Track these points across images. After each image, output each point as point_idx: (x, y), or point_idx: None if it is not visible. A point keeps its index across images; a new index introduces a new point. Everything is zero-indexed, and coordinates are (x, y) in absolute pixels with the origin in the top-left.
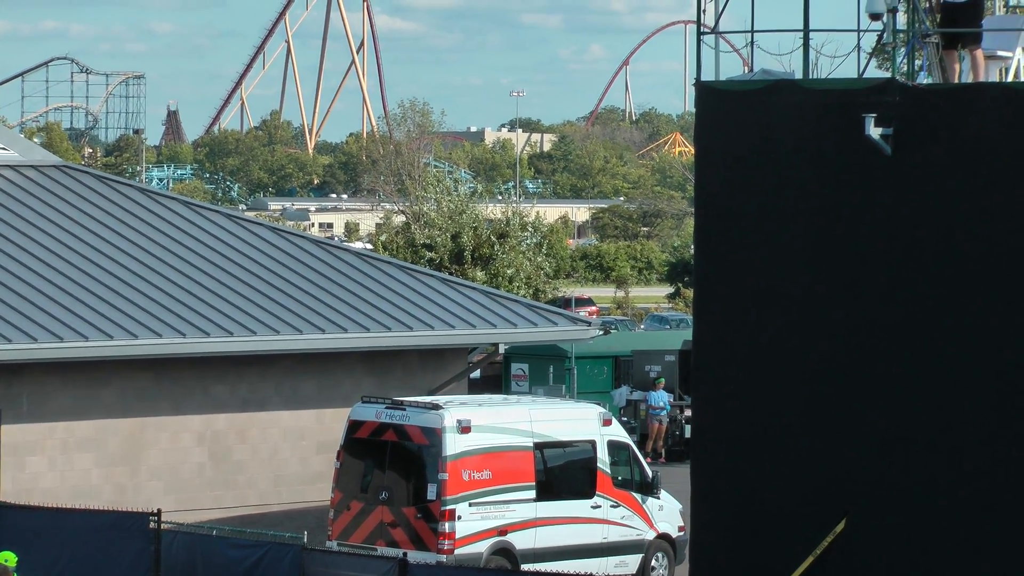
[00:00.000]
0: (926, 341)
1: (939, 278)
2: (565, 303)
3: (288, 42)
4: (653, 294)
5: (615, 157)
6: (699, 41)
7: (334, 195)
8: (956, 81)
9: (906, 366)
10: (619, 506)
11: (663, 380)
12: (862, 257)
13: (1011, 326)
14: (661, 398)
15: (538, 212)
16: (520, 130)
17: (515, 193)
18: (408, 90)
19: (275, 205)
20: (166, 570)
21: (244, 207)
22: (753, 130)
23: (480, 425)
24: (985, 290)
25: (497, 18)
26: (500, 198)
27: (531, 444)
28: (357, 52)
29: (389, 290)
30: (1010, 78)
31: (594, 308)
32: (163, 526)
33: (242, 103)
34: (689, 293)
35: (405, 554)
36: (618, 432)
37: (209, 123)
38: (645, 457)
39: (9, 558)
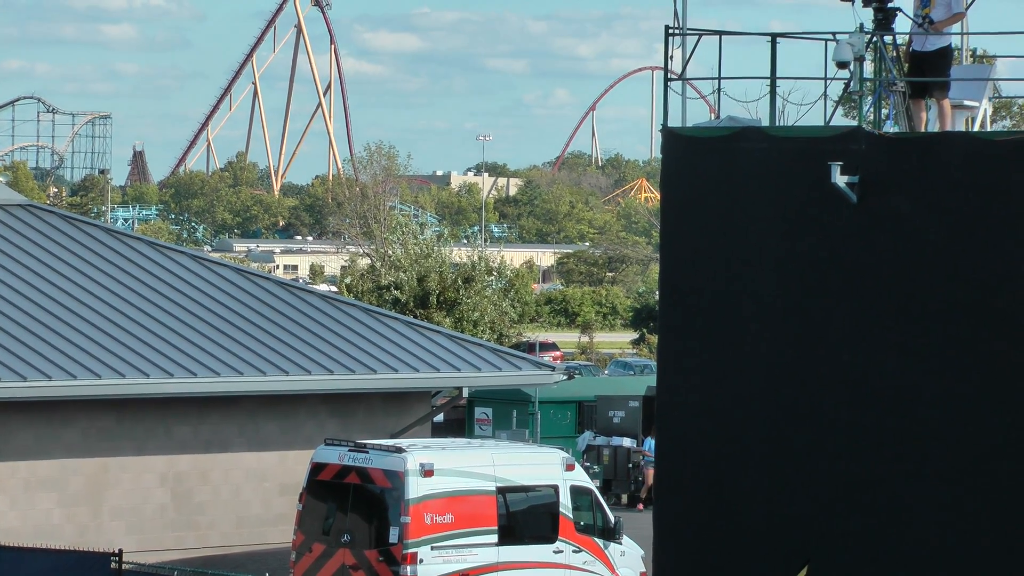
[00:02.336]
0: (890, 388)
1: (904, 326)
2: (529, 348)
3: (255, 84)
4: (618, 340)
5: (581, 202)
6: (666, 87)
7: (299, 237)
8: (923, 130)
9: (870, 412)
10: (581, 551)
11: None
12: (827, 305)
13: (973, 374)
14: None
15: (503, 256)
16: (486, 174)
17: (481, 237)
18: (374, 133)
19: (240, 247)
20: None
21: (209, 248)
22: (719, 177)
23: (443, 469)
24: (949, 338)
25: (462, 62)
26: (466, 242)
27: (494, 488)
28: (324, 95)
29: (353, 332)
30: (976, 128)
31: (558, 353)
32: (125, 566)
33: (208, 144)
34: (654, 339)
35: None
36: (581, 477)
37: (175, 164)
38: (638, 504)
39: None
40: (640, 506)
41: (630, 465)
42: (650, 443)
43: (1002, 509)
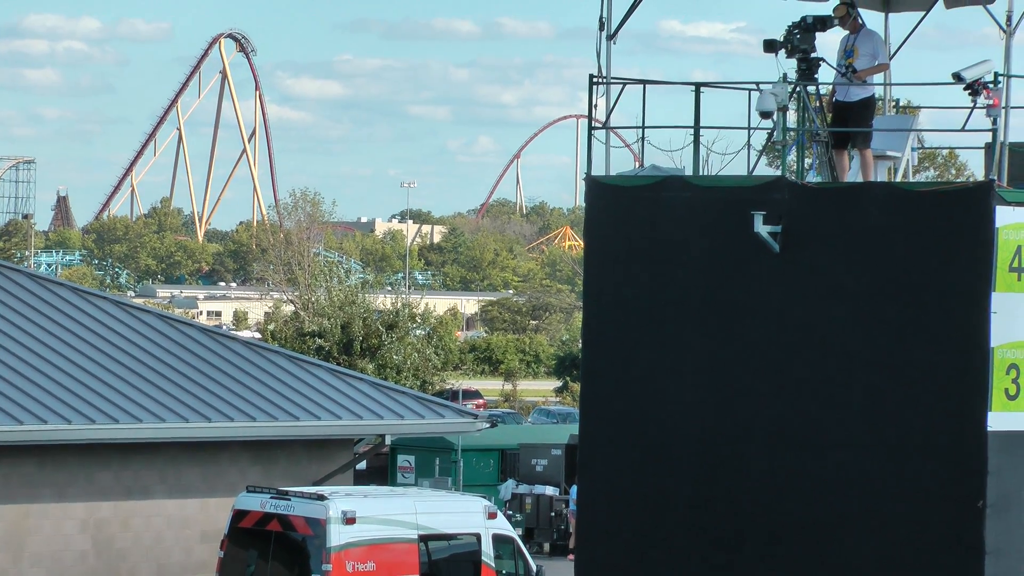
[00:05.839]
0: (812, 436)
1: (826, 375)
2: (453, 395)
3: (179, 129)
4: (541, 387)
5: (505, 250)
6: (590, 135)
7: (223, 283)
8: (845, 180)
9: (792, 460)
10: None
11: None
12: (750, 354)
13: (894, 421)
14: None
15: (428, 304)
16: (411, 221)
17: (405, 284)
18: (299, 179)
19: (164, 292)
20: None
21: (132, 294)
22: (642, 225)
23: (365, 516)
24: (873, 387)
25: (385, 109)
26: (390, 289)
27: (416, 536)
28: (248, 140)
29: (276, 379)
30: (899, 178)
31: (481, 401)
32: None
33: (132, 190)
34: (577, 387)
35: None
36: (503, 525)
37: (99, 209)
38: (568, 553)
39: None
40: (571, 556)
41: (552, 514)
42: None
43: (923, 558)
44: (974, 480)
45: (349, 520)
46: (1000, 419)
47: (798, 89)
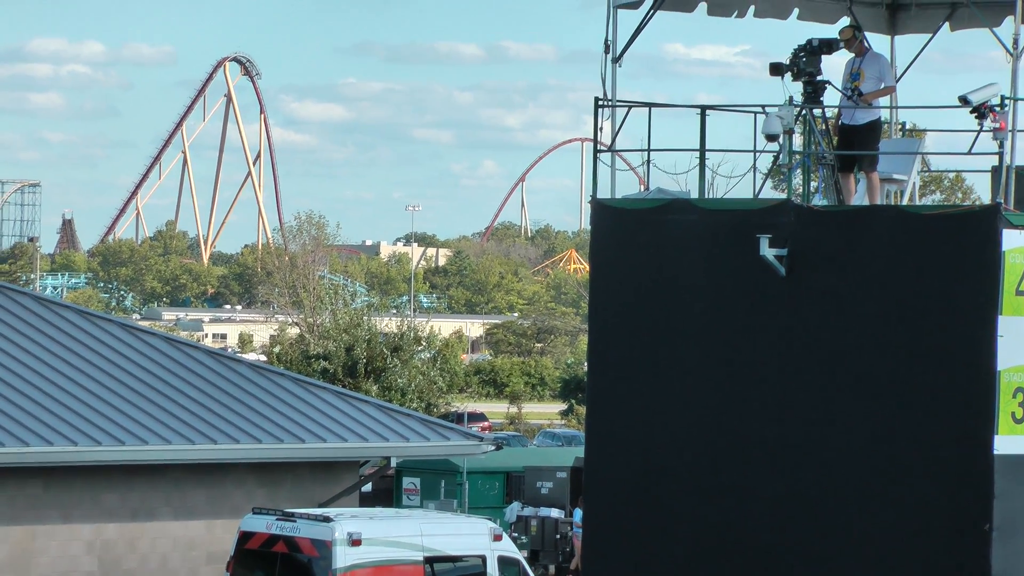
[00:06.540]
0: (818, 461)
1: (832, 399)
2: (458, 418)
3: (185, 153)
4: (546, 410)
5: (510, 273)
6: (595, 159)
7: (228, 306)
8: (851, 203)
9: (801, 482)
10: None
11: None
12: (755, 377)
13: (902, 444)
14: None
15: (433, 326)
16: (416, 244)
17: (410, 307)
18: (303, 202)
19: (169, 315)
20: None
21: (138, 316)
22: (648, 248)
23: (371, 538)
24: (878, 410)
25: (388, 132)
26: (395, 312)
27: (421, 558)
28: (253, 164)
29: (282, 402)
30: (905, 201)
31: (487, 423)
32: None
33: (138, 213)
34: (582, 410)
35: None
36: (509, 547)
37: (104, 232)
38: (568, 575)
39: None
40: None
41: (558, 536)
42: (580, 513)
43: (927, 572)
44: (980, 503)
45: (355, 542)
46: (1006, 442)
47: (804, 112)
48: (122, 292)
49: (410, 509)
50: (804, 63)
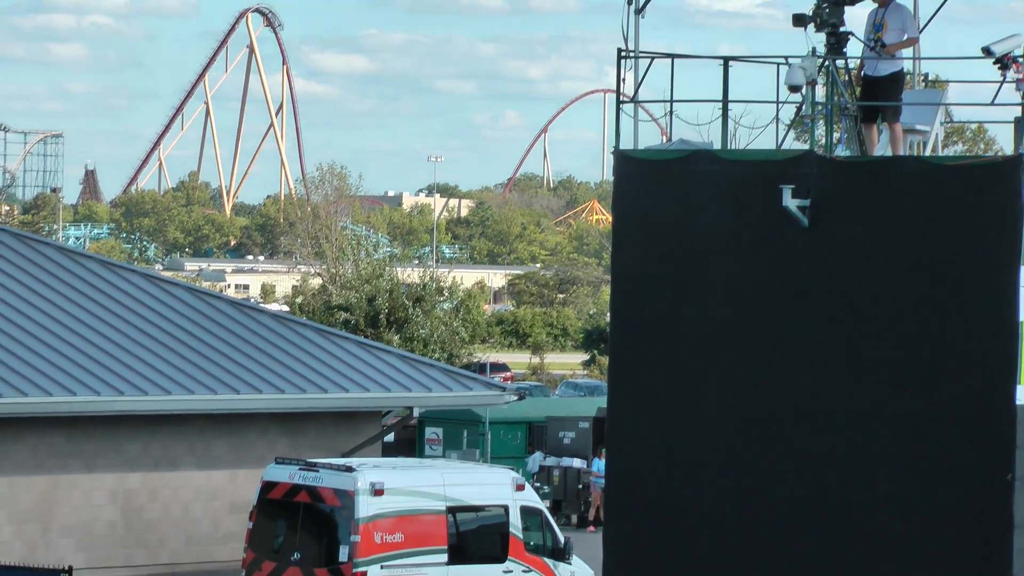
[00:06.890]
0: (841, 410)
1: (855, 348)
2: (480, 368)
3: (207, 104)
4: (568, 361)
5: (532, 224)
6: (618, 110)
7: (251, 257)
8: (874, 154)
9: (823, 435)
10: (531, 571)
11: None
12: (778, 328)
13: (927, 395)
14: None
15: (455, 277)
16: (438, 195)
17: (432, 257)
18: (325, 154)
19: (191, 266)
20: None
21: (160, 267)
22: (670, 199)
23: (393, 488)
24: (900, 361)
25: (411, 84)
26: (417, 262)
27: (444, 508)
28: (276, 115)
29: (304, 352)
30: (928, 152)
31: (509, 374)
32: None
33: (160, 164)
34: (604, 360)
35: None
36: (531, 497)
37: (127, 183)
38: (588, 525)
39: None
40: (592, 527)
41: (580, 486)
42: (599, 464)
43: (951, 532)
44: (1003, 454)
45: (377, 492)
46: None
47: (827, 63)
48: (144, 243)
49: (432, 459)
50: (827, 14)
